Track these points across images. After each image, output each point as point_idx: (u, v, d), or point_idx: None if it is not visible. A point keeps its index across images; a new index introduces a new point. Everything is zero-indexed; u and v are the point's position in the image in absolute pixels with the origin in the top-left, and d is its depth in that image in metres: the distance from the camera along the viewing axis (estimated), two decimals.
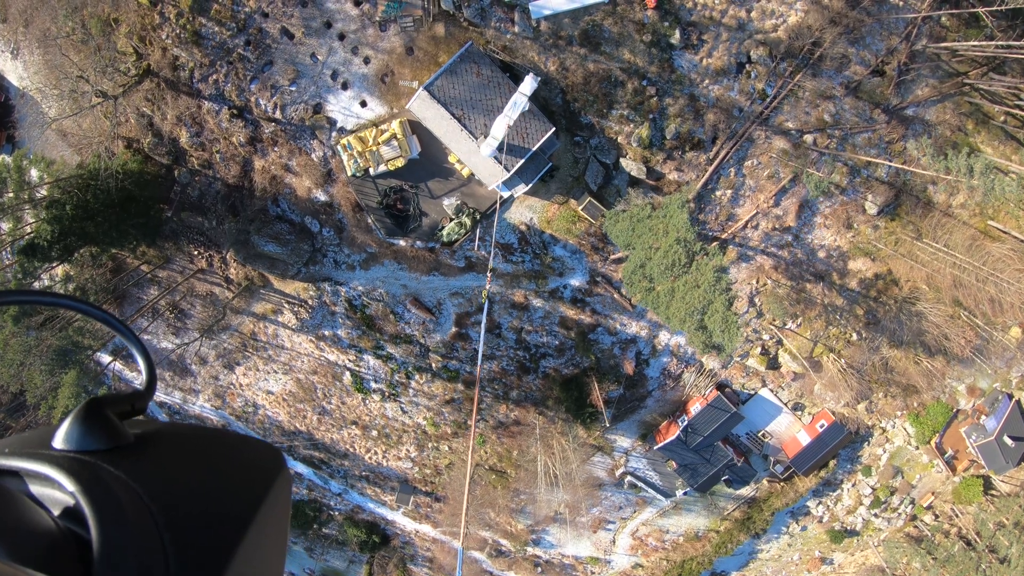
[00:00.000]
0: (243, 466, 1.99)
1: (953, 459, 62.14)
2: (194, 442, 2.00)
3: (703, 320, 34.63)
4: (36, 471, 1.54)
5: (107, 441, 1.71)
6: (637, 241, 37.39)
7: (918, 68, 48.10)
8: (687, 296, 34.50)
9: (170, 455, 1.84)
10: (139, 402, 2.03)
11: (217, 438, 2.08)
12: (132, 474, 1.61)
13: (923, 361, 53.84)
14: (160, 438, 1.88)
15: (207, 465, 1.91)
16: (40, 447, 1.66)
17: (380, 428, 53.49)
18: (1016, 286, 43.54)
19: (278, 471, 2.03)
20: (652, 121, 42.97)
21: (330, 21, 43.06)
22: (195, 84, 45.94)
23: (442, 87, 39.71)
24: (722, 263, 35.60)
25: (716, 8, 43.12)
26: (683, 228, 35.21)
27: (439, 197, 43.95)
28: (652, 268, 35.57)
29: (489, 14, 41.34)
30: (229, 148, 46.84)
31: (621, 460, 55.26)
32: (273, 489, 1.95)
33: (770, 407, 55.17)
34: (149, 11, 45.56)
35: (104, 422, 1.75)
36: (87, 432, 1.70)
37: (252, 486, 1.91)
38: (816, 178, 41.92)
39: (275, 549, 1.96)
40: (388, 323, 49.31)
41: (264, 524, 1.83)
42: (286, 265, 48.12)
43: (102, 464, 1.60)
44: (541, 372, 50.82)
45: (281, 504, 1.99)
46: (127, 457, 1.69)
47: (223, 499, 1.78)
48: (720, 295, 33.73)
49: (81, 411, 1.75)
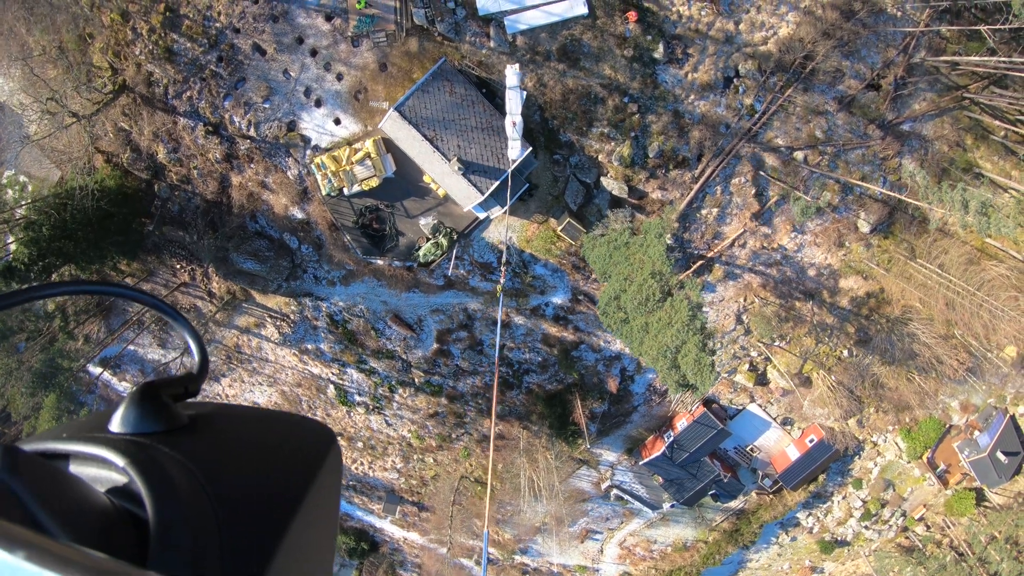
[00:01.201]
0: (294, 445, 1.91)
1: (945, 473, 59.01)
2: (246, 422, 1.96)
3: (676, 359, 31.80)
4: (94, 454, 1.49)
5: (162, 423, 1.67)
6: (613, 270, 34.46)
7: (916, 81, 44.36)
8: (660, 334, 31.61)
9: (223, 436, 1.79)
10: (192, 384, 1.94)
11: (268, 418, 2.05)
12: (187, 455, 1.56)
13: (916, 379, 50.60)
14: (213, 419, 1.83)
15: (259, 445, 1.85)
16: (97, 430, 1.63)
17: (365, 440, 51.35)
18: (1010, 314, 40.12)
19: (328, 449, 1.94)
20: (634, 139, 39.80)
21: (302, 37, 40.18)
22: (170, 100, 43.36)
23: (413, 107, 36.81)
24: (699, 300, 32.56)
25: (702, 20, 39.67)
26: (659, 260, 32.19)
27: (415, 216, 41.21)
28: (626, 301, 32.67)
29: (464, 28, 38.26)
30: (206, 164, 44.34)
31: (607, 473, 52.77)
32: (324, 467, 1.86)
33: (759, 422, 52.30)
34: (122, 26, 42.92)
35: (159, 405, 1.71)
36: (143, 415, 1.66)
37: (304, 465, 1.83)
38: (803, 203, 38.60)
39: (326, 527, 1.87)
40: (370, 338, 46.93)
41: (315, 502, 1.75)
42: (266, 281, 45.75)
43: (158, 446, 1.56)
44: (525, 387, 48.29)
45: (332, 482, 1.91)
46: (182, 438, 1.65)
47: (275, 478, 1.73)
48: (694, 335, 30.79)
49: (136, 394, 1.70)
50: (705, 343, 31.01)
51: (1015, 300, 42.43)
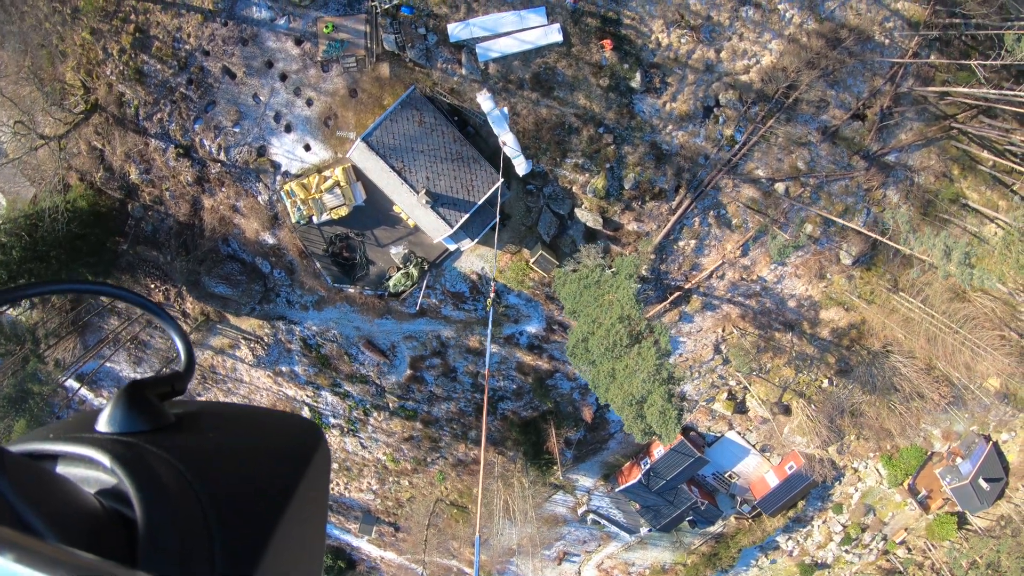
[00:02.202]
0: (282, 442, 1.85)
1: (927, 499, 57.05)
2: (233, 420, 1.89)
3: (642, 408, 29.85)
4: (82, 454, 1.45)
5: (149, 422, 1.61)
6: (582, 310, 32.48)
7: (903, 111, 42.09)
8: (625, 383, 29.67)
9: (210, 434, 1.72)
10: (179, 383, 1.86)
11: (256, 415, 1.98)
12: (174, 453, 1.51)
13: (897, 408, 48.55)
14: (200, 417, 1.77)
15: (247, 442, 1.78)
16: (83, 431, 1.57)
17: (340, 461, 49.60)
18: (994, 354, 37.99)
19: (316, 445, 1.87)
20: (609, 170, 37.71)
21: (271, 60, 38.12)
22: (141, 122, 41.39)
23: (381, 137, 34.78)
24: (667, 347, 30.55)
25: (682, 49, 37.45)
26: (628, 304, 30.15)
27: (386, 245, 39.26)
28: (593, 345, 30.69)
29: (435, 55, 36.14)
30: (178, 186, 42.41)
31: (583, 499, 50.96)
32: (312, 464, 1.80)
33: (737, 449, 50.38)
34: (92, 46, 40.90)
35: (145, 404, 1.65)
36: (129, 414, 1.60)
37: (292, 461, 1.77)
38: (781, 241, 36.44)
39: (316, 523, 1.82)
40: (343, 363, 45.09)
41: (305, 498, 1.70)
42: (239, 304, 43.90)
43: (145, 445, 1.51)
44: (499, 414, 46.43)
45: (320, 478, 1.84)
46: (169, 437, 1.60)
47: (264, 475, 1.67)
48: (660, 386, 28.81)
49: (123, 394, 1.64)
50: (671, 394, 29.06)
51: (1000, 339, 40.31)
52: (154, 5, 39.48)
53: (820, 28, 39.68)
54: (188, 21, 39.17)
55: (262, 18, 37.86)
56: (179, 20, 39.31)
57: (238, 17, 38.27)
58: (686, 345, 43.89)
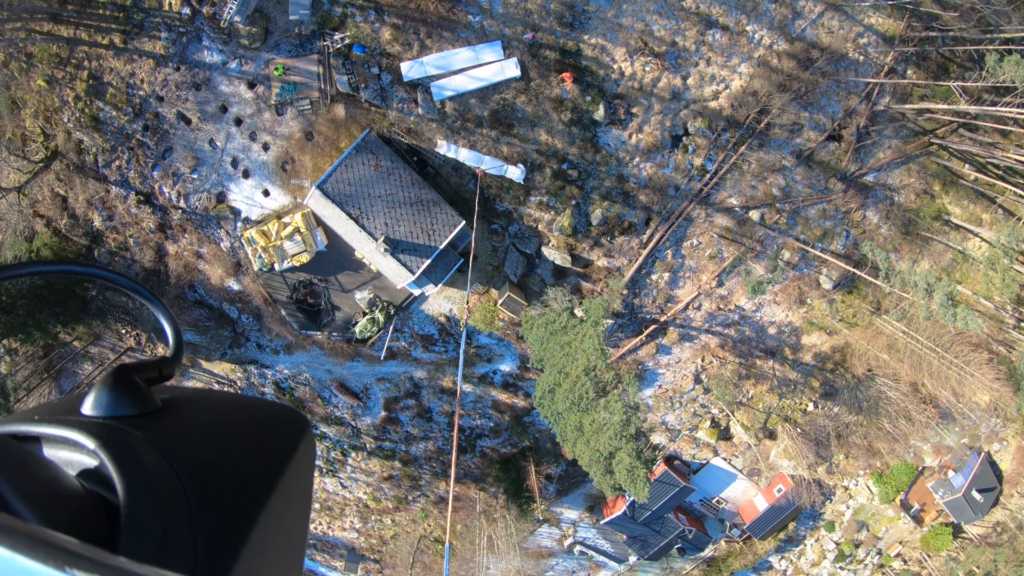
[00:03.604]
0: (268, 429, 1.78)
1: (920, 512, 54.46)
2: (219, 407, 1.82)
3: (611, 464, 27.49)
4: (65, 436, 1.39)
5: (135, 407, 1.54)
6: (549, 359, 30.10)
7: (880, 129, 39.50)
8: (592, 439, 27.29)
9: (196, 420, 1.66)
10: (167, 368, 1.78)
11: (242, 403, 1.90)
12: (159, 438, 1.46)
13: (885, 427, 46.02)
14: (186, 403, 1.70)
15: (232, 429, 1.71)
16: (69, 413, 1.50)
17: (322, 501, 47.40)
18: (981, 379, 35.42)
19: (302, 434, 1.81)
20: (575, 207, 35.28)
21: (225, 105, 35.81)
22: (100, 169, 39.19)
23: (336, 184, 32.44)
24: (636, 399, 28.14)
25: (647, 77, 34.95)
26: (594, 354, 27.74)
27: (351, 291, 36.96)
28: (559, 397, 28.31)
29: (390, 95, 33.77)
30: (141, 233, 40.20)
31: (569, 531, 48.61)
32: (297, 452, 1.74)
33: (724, 474, 47.91)
34: (49, 93, 38.70)
35: (132, 388, 1.57)
36: (115, 398, 1.52)
37: (277, 449, 1.71)
38: (755, 277, 33.87)
39: (299, 513, 1.76)
40: (317, 405, 42.83)
41: (289, 487, 1.64)
42: (208, 350, 41.68)
43: (130, 429, 1.45)
44: (478, 451, 44.10)
45: (305, 466, 1.78)
46: (154, 422, 1.54)
47: (248, 463, 1.61)
48: (628, 443, 26.42)
49: (109, 377, 1.55)
50: (640, 451, 26.67)
51: (987, 362, 37.75)
52: (106, 51, 37.21)
53: (791, 49, 37.13)
54: (140, 66, 36.91)
55: (214, 62, 35.54)
56: (132, 66, 37.05)
57: (190, 61, 35.98)
58: (665, 376, 41.47)
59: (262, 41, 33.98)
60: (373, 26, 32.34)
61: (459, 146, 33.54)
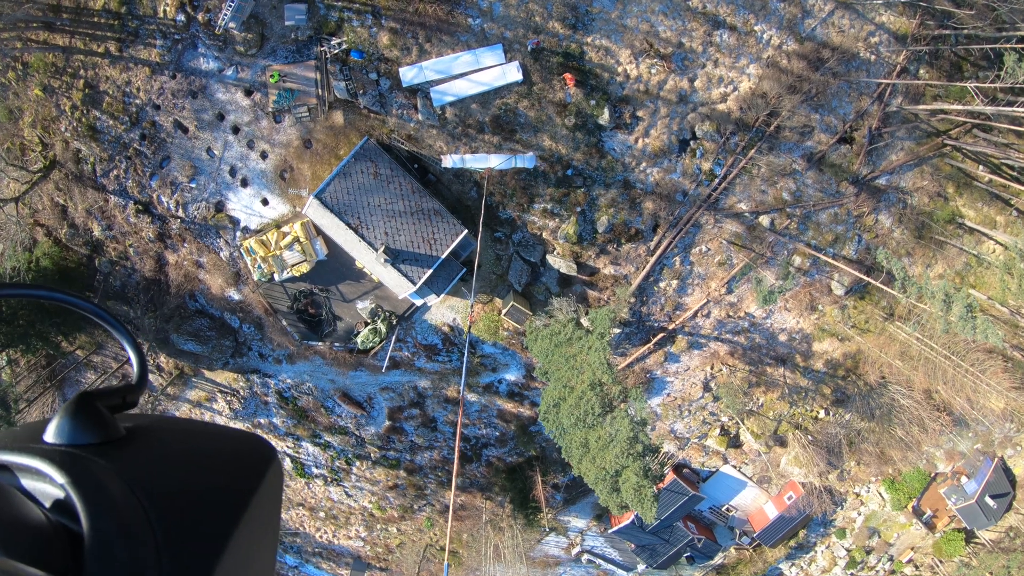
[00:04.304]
0: (234, 458, 1.72)
1: (932, 519, 52.80)
2: (185, 435, 1.76)
3: (617, 483, 26.16)
4: (27, 465, 1.36)
5: (98, 435, 1.51)
6: (554, 372, 28.76)
7: (892, 131, 37.92)
8: (598, 456, 25.97)
9: (161, 448, 1.62)
10: (131, 395, 1.73)
11: (208, 431, 1.83)
12: (123, 468, 1.42)
13: (897, 434, 44.43)
14: (151, 432, 1.66)
15: (198, 458, 1.67)
16: (31, 441, 1.47)
17: (327, 510, 46.27)
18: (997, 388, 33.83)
19: (269, 463, 1.76)
20: (580, 214, 33.90)
21: (222, 113, 34.63)
22: (99, 179, 38.12)
23: (335, 193, 31.18)
24: (643, 415, 26.78)
25: (652, 80, 33.51)
26: (600, 368, 26.39)
27: (352, 300, 35.74)
28: (564, 414, 26.98)
29: (389, 100, 32.48)
30: (141, 243, 39.11)
31: (577, 539, 47.29)
32: (264, 481, 1.69)
33: (734, 482, 46.46)
34: (46, 102, 37.65)
35: (95, 416, 1.54)
36: (78, 426, 1.50)
37: (244, 478, 1.67)
38: (766, 288, 32.35)
39: (267, 541, 1.71)
40: (320, 415, 41.68)
41: (256, 516, 1.60)
42: (210, 360, 40.59)
43: (93, 458, 1.42)
44: (484, 461, 42.82)
45: (272, 496, 1.74)
46: (118, 451, 1.50)
47: (215, 491, 1.57)
48: (634, 461, 25.07)
49: (72, 405, 1.53)
50: (648, 470, 25.30)
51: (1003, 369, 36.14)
52: (102, 59, 36.10)
53: (801, 49, 35.60)
54: (136, 75, 35.78)
55: (210, 69, 34.35)
56: (127, 74, 35.92)
57: (186, 69, 34.81)
58: (673, 385, 40.07)
59: (258, 47, 32.75)
60: (371, 31, 31.05)
61: (462, 154, 32.30)
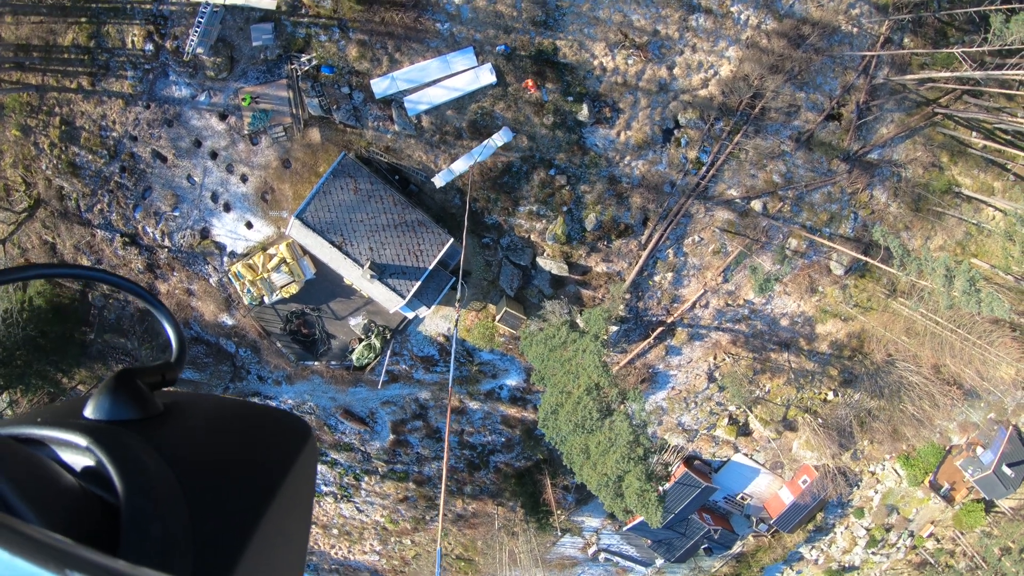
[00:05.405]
0: (270, 436, 1.71)
1: (951, 492, 51.25)
2: (222, 412, 1.73)
3: (620, 487, 24.97)
4: (67, 440, 1.35)
5: (137, 411, 1.49)
6: (550, 377, 27.58)
7: (881, 103, 36.43)
8: (599, 462, 24.78)
9: (198, 425, 1.61)
10: (169, 373, 1.71)
11: (245, 409, 1.81)
12: (160, 443, 1.42)
13: (908, 410, 42.94)
14: (188, 409, 1.64)
15: (234, 435, 1.66)
16: (71, 416, 1.47)
17: (340, 527, 45.28)
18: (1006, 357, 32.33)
19: (304, 442, 1.73)
20: (567, 213, 32.64)
21: (199, 139, 33.60)
22: (83, 214, 37.21)
23: (316, 212, 30.09)
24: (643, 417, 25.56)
25: (630, 71, 32.20)
26: (596, 371, 25.19)
27: (344, 317, 34.66)
28: (561, 420, 25.78)
29: (364, 114, 31.33)
30: (131, 274, 38.15)
31: (592, 538, 46.09)
32: (299, 460, 1.67)
33: (747, 470, 45.09)
34: (24, 141, 36.77)
35: (134, 392, 1.52)
36: (117, 402, 1.48)
37: (279, 456, 1.65)
38: (762, 276, 30.98)
39: (300, 520, 1.69)
40: (325, 433, 40.64)
41: (290, 494, 1.58)
42: (210, 386, 39.63)
43: (132, 433, 1.41)
44: (492, 467, 41.69)
45: (307, 475, 1.71)
46: (156, 427, 1.49)
47: (250, 469, 1.55)
48: (636, 465, 23.86)
49: (112, 381, 1.50)
50: (651, 473, 24.08)
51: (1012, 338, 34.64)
52: (75, 95, 35.18)
53: (780, 27, 34.17)
54: (111, 107, 34.82)
55: (183, 96, 33.34)
56: (102, 107, 34.98)
57: (159, 98, 33.81)
58: (677, 378, 38.76)
59: (228, 71, 31.69)
60: (339, 44, 29.90)
61: (447, 166, 31.17)
